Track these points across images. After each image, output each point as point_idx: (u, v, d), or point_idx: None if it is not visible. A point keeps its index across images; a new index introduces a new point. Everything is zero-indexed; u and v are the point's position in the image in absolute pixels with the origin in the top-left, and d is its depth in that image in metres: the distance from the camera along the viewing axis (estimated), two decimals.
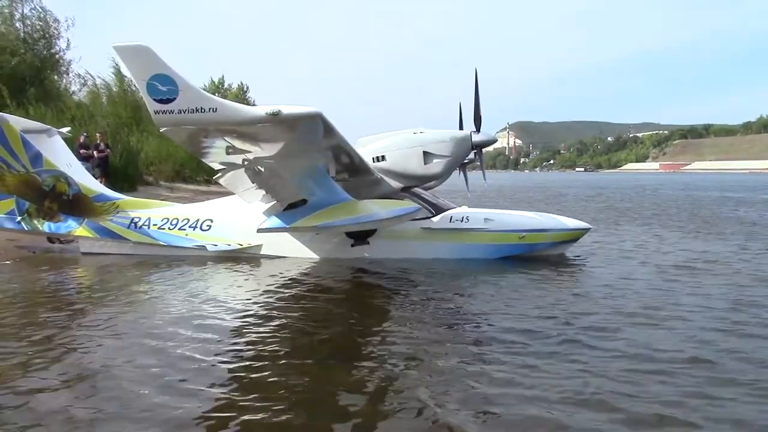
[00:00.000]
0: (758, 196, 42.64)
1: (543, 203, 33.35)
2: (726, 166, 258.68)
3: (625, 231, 19.02)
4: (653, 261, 12.91)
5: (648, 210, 28.99)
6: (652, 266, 12.20)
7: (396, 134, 12.36)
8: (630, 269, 11.93)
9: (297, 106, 8.04)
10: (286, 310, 8.70)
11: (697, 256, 13.47)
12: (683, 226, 20.36)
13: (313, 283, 10.59)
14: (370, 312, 8.72)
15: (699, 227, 19.98)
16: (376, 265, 12.12)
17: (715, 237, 17.39)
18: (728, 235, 17.65)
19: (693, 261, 12.85)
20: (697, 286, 10.23)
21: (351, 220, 10.54)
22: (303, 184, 10.65)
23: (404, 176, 12.12)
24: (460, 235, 12.79)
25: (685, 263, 12.55)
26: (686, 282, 10.55)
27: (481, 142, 12.51)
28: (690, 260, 12.96)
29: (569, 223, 13.50)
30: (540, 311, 8.42)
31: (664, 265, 12.33)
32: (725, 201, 36.98)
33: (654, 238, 17.20)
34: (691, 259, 13.13)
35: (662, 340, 7.11)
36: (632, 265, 12.48)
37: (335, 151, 10.13)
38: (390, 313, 8.49)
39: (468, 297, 9.46)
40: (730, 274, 11.30)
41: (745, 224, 21.38)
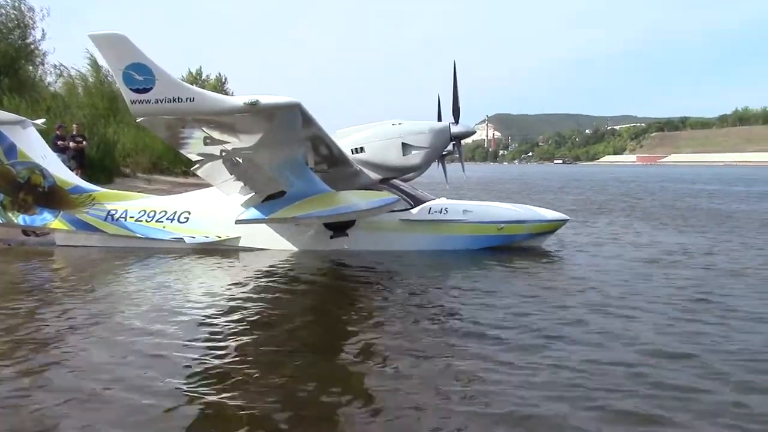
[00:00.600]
0: (731, 189, 43.18)
1: (521, 195, 33.51)
2: (702, 158, 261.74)
3: (602, 223, 19.17)
4: (627, 253, 12.99)
5: (623, 202, 29.28)
6: (626, 258, 12.27)
7: (375, 126, 12.34)
8: (605, 261, 12.00)
9: (275, 95, 8.01)
10: (263, 302, 8.67)
11: (668, 248, 13.56)
12: (657, 219, 20.55)
13: (291, 275, 10.56)
14: (347, 304, 8.70)
15: (671, 220, 20.15)
16: (355, 256, 12.12)
17: (688, 229, 17.55)
18: (699, 227, 17.83)
19: (664, 253, 12.92)
20: (667, 277, 10.29)
21: (330, 212, 10.54)
22: (281, 175, 10.61)
23: (383, 167, 12.12)
24: (438, 226, 12.82)
25: (657, 255, 12.64)
26: (657, 274, 10.61)
27: (460, 133, 12.54)
28: (662, 252, 13.05)
29: (547, 215, 13.58)
30: (516, 304, 8.40)
31: (638, 257, 12.41)
32: (698, 193, 37.43)
33: (628, 229, 17.35)
34: (663, 251, 13.20)
35: (634, 332, 7.13)
36: (607, 256, 12.57)
37: (314, 141, 10.10)
38: (368, 305, 8.47)
39: (445, 290, 9.46)
40: (700, 267, 11.37)
41: (719, 217, 21.64)
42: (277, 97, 8.03)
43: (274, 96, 8.00)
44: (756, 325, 7.50)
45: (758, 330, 7.29)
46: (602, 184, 50.46)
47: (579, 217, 20.53)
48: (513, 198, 27.91)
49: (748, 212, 23.47)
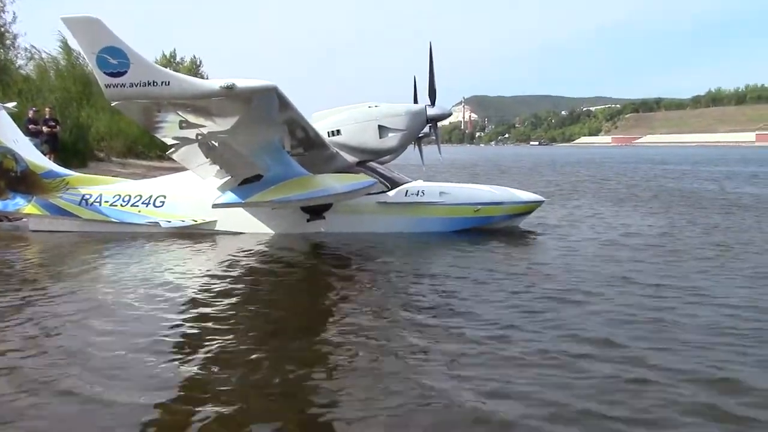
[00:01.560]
0: (702, 169, 43.76)
1: (498, 177, 33.68)
2: (676, 139, 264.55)
3: (576, 203, 19.37)
4: (599, 235, 13.06)
5: (596, 183, 29.59)
6: (599, 240, 12.33)
7: (351, 108, 12.34)
8: (579, 242, 12.12)
9: (252, 79, 7.99)
10: (240, 285, 8.69)
11: (635, 230, 13.57)
12: (627, 200, 20.70)
13: (268, 258, 10.59)
14: (324, 288, 8.73)
15: (641, 201, 20.27)
16: (332, 239, 12.16)
17: (656, 211, 17.68)
18: (666, 210, 17.82)
19: (631, 235, 12.97)
20: (632, 260, 10.27)
21: (307, 195, 10.57)
22: (258, 159, 10.60)
23: (360, 150, 12.16)
24: (415, 208, 12.89)
25: (625, 237, 12.72)
26: (624, 256, 10.62)
27: (436, 115, 12.58)
28: (629, 234, 13.11)
29: (523, 196, 13.71)
30: (489, 289, 8.40)
31: (610, 239, 12.49)
32: (667, 173, 37.90)
33: (601, 210, 17.52)
34: (629, 233, 13.22)
35: (593, 320, 6.98)
36: (581, 238, 12.67)
37: (290, 125, 10.10)
38: (345, 289, 8.51)
39: (421, 273, 9.52)
40: (663, 250, 11.34)
41: (689, 198, 21.95)
42: (253, 81, 8.02)
43: (251, 79, 7.98)
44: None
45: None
46: (575, 166, 50.78)
47: (556, 199, 20.71)
48: (491, 180, 28.08)
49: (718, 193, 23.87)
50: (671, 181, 30.95)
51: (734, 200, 20.32)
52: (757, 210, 17.49)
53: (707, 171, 40.95)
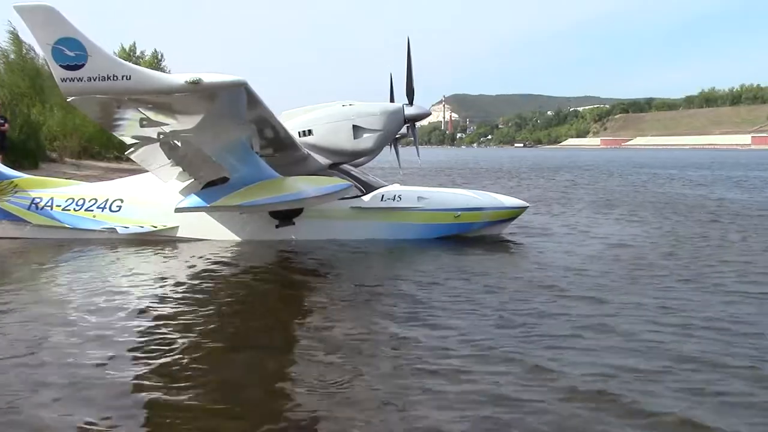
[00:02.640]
0: (690, 174, 44.37)
1: (479, 180, 33.90)
2: (668, 141, 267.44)
3: (559, 211, 19.54)
4: (582, 244, 13.18)
5: (583, 188, 29.93)
6: (581, 250, 12.36)
7: (323, 107, 12.42)
8: (558, 253, 12.10)
9: (219, 73, 8.01)
10: (203, 297, 8.69)
11: (616, 240, 13.51)
12: (611, 208, 20.77)
13: (234, 267, 10.59)
14: (293, 299, 8.78)
15: (625, 209, 20.22)
16: (303, 247, 12.18)
17: (638, 219, 17.77)
18: (649, 218, 17.72)
19: (611, 245, 12.90)
20: (607, 271, 10.32)
21: (276, 199, 10.60)
22: (224, 160, 10.59)
23: (333, 152, 12.22)
24: (392, 214, 12.95)
25: (606, 247, 12.69)
26: (604, 271, 10.50)
27: (415, 115, 12.69)
28: (610, 244, 13.03)
29: (506, 201, 13.83)
30: (467, 301, 8.45)
31: (590, 248, 12.59)
32: (656, 179, 38.41)
33: (584, 218, 17.61)
34: (611, 244, 13.11)
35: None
36: (562, 248, 12.63)
37: (260, 124, 10.12)
38: (315, 299, 8.54)
39: (397, 281, 9.60)
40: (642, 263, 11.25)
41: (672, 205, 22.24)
42: (221, 75, 8.03)
43: (218, 74, 7.99)
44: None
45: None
46: (560, 171, 51.23)
47: (540, 205, 20.92)
48: (472, 184, 28.28)
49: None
50: (658, 186, 31.41)
51: (715, 209, 20.25)
52: (736, 218, 17.66)
53: (698, 175, 41.51)
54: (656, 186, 31.41)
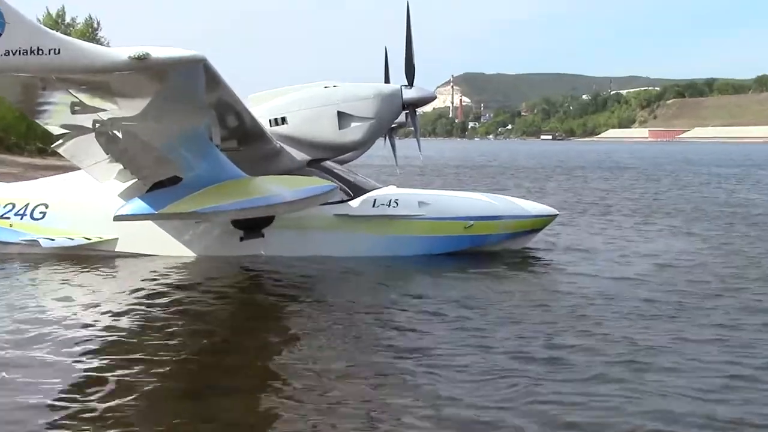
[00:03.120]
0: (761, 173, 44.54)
1: (496, 181, 34.00)
2: (734, 133, 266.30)
3: (595, 221, 19.73)
4: (621, 263, 13.23)
5: (624, 192, 30.12)
6: (619, 271, 12.42)
7: (301, 89, 12.46)
8: (597, 270, 12.33)
9: (171, 47, 8.04)
10: (149, 327, 8.77)
11: (663, 260, 13.58)
12: (659, 218, 20.62)
13: (187, 291, 10.68)
14: (261, 331, 8.87)
15: (676, 220, 20.14)
16: (274, 265, 12.30)
17: (692, 232, 17.77)
18: (706, 232, 17.72)
19: (657, 265, 12.96)
20: (647, 292, 10.56)
21: (242, 204, 10.53)
22: (176, 155, 10.62)
23: (312, 145, 12.27)
24: (386, 224, 13.03)
25: (652, 268, 12.75)
26: (648, 290, 10.81)
27: (415, 99, 12.72)
28: (656, 264, 13.08)
29: (530, 208, 13.92)
30: (480, 333, 8.55)
31: (631, 268, 12.66)
32: (717, 181, 38.59)
33: (625, 230, 17.76)
34: (657, 264, 13.16)
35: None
36: (597, 268, 12.73)
37: (221, 110, 10.12)
38: (288, 332, 8.65)
39: (391, 311, 9.67)
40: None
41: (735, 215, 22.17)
42: (173, 50, 8.04)
43: (170, 48, 8.02)
44: None
45: None
46: (596, 170, 51.32)
47: (571, 214, 21.06)
48: (486, 185, 28.37)
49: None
50: (719, 190, 31.44)
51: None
52: None
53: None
54: (717, 190, 31.59)
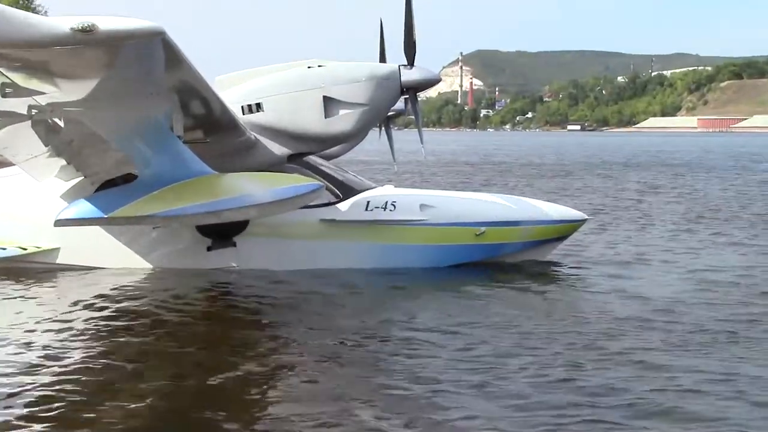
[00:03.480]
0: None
1: (511, 180, 34.05)
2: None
3: (632, 226, 19.86)
4: (658, 278, 13.34)
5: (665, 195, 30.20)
6: (655, 290, 12.29)
7: (280, 70, 12.44)
8: (631, 287, 12.31)
9: (122, 17, 8.02)
10: (95, 357, 8.74)
11: (713, 276, 13.50)
12: (706, 227, 20.45)
13: (143, 311, 10.69)
14: (230, 358, 8.82)
15: (728, 228, 20.08)
16: (248, 279, 12.35)
17: (748, 244, 17.66)
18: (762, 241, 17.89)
19: (706, 285, 12.84)
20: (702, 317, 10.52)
21: (210, 206, 10.47)
22: (130, 148, 10.60)
23: (293, 136, 12.20)
24: (382, 230, 13.07)
25: (695, 285, 12.76)
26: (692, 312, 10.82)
27: (417, 82, 12.67)
28: (703, 282, 12.99)
29: (553, 212, 13.95)
30: (490, 362, 8.59)
31: (671, 286, 12.63)
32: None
33: (665, 240, 17.79)
34: (701, 280, 13.16)
35: None
36: (637, 284, 12.73)
37: (184, 94, 10.04)
38: (263, 362, 8.64)
39: (388, 334, 9.74)
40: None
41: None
42: (125, 20, 8.00)
43: (121, 18, 8.01)
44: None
45: None
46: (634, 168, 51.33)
47: (602, 219, 21.09)
48: (499, 186, 28.39)
49: None
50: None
51: None
52: None
53: None
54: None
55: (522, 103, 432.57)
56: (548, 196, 20.90)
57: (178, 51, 8.88)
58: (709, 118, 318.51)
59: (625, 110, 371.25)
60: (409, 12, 12.32)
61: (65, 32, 7.76)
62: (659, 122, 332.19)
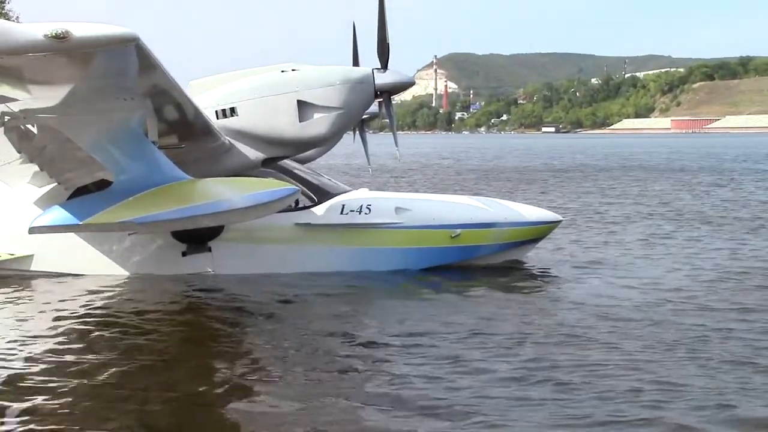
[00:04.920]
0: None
1: (486, 184, 34.12)
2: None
3: (608, 228, 19.94)
4: (638, 275, 13.42)
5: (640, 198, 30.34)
6: (636, 292, 12.31)
7: (253, 74, 12.47)
8: (608, 297, 11.99)
9: (96, 24, 8.01)
10: (70, 367, 8.68)
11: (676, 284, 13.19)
12: (680, 225, 20.85)
13: (116, 318, 10.66)
14: (207, 365, 8.86)
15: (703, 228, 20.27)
16: (223, 285, 12.31)
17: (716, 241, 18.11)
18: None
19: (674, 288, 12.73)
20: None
21: (186, 212, 10.44)
22: (105, 155, 10.53)
23: (267, 141, 12.23)
24: (357, 234, 13.10)
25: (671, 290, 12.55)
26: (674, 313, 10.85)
27: (390, 85, 12.69)
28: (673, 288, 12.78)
29: (528, 214, 13.99)
30: (468, 367, 8.54)
31: (654, 298, 12.45)
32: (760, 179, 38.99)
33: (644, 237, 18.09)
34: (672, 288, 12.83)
35: None
36: (613, 286, 12.72)
37: (158, 99, 10.07)
38: (238, 368, 8.61)
39: (361, 339, 9.67)
40: None
41: None
42: (99, 27, 7.98)
43: (95, 25, 7.99)
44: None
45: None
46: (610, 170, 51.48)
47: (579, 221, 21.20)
48: (475, 189, 28.42)
49: None
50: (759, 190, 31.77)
51: None
52: None
53: None
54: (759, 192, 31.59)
55: (496, 106, 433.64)
56: (523, 198, 20.86)
57: (152, 56, 8.91)
58: (682, 119, 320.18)
59: (599, 112, 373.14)
60: (382, 15, 12.34)
61: (38, 39, 7.75)
62: (633, 123, 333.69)
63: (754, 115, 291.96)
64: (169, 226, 11.23)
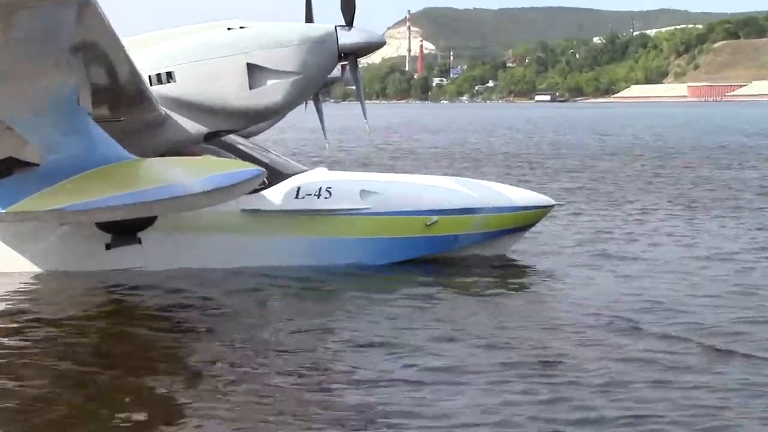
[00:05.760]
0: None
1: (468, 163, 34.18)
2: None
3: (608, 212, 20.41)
4: (625, 265, 13.92)
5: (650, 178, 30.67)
6: (626, 287, 12.71)
7: (195, 32, 12.47)
8: (598, 292, 12.39)
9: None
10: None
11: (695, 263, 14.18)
12: (687, 208, 21.39)
13: (34, 318, 10.86)
14: (138, 370, 9.00)
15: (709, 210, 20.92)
16: (155, 283, 12.41)
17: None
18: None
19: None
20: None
21: (134, 197, 10.35)
22: (30, 129, 10.55)
23: (211, 111, 12.21)
24: (315, 222, 13.24)
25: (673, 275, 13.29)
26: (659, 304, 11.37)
27: (357, 45, 12.77)
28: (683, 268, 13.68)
29: (516, 197, 14.14)
30: (438, 376, 8.73)
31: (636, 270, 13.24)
32: None
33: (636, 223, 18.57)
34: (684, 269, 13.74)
35: None
36: (607, 280, 13.12)
37: (96, 60, 9.98)
38: (176, 371, 8.91)
39: (317, 344, 9.95)
40: None
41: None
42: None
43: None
44: None
45: None
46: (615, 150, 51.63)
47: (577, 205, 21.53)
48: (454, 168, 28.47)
49: None
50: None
51: None
52: None
53: None
54: None
55: (481, 70, 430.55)
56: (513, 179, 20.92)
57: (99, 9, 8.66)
58: (701, 85, 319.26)
59: (603, 77, 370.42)
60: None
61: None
62: (642, 90, 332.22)
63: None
64: (110, 215, 11.03)
